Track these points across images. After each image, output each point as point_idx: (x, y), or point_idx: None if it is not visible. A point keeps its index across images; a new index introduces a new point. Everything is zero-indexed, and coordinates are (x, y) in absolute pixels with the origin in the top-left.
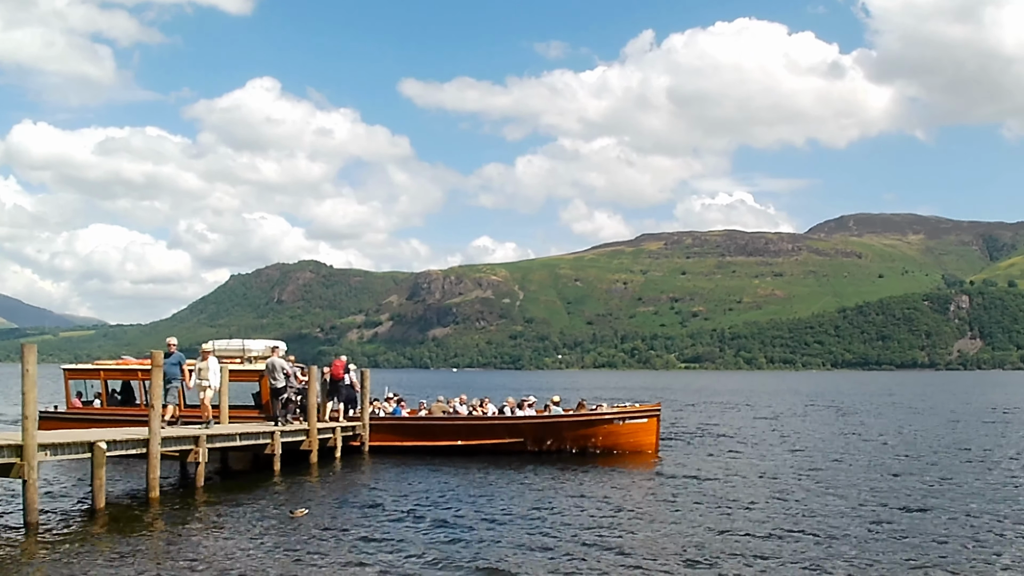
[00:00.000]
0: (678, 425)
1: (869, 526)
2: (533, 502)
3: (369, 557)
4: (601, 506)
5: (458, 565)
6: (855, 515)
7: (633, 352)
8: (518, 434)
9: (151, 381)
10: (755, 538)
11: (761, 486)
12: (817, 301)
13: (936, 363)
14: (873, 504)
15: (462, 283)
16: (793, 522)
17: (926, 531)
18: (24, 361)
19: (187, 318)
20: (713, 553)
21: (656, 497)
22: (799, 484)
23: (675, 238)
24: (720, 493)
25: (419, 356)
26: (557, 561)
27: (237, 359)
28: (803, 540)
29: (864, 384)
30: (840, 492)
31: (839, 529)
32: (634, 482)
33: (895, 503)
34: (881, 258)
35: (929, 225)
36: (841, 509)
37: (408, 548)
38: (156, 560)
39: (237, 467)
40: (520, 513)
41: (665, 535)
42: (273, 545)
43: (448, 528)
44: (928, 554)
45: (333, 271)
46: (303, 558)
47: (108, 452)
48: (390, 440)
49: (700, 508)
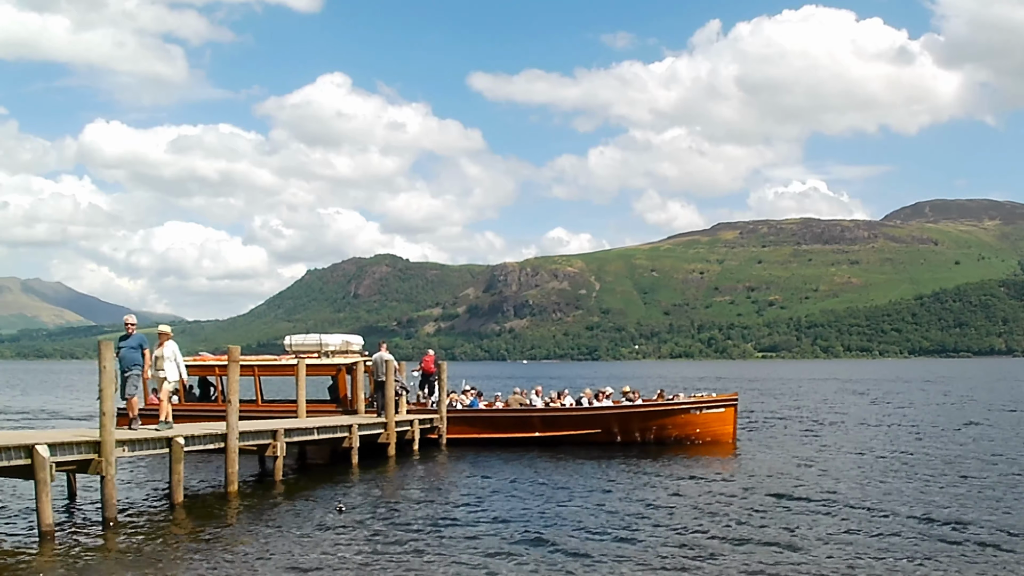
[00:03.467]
0: (756, 415)
1: (949, 533)
2: (607, 495)
3: (441, 549)
4: (676, 499)
5: (525, 558)
6: (931, 518)
7: (710, 342)
8: (595, 425)
9: (228, 377)
10: (822, 537)
11: (838, 479)
12: (894, 289)
13: (1014, 350)
14: (957, 507)
15: (538, 275)
16: (864, 520)
17: None
18: (101, 358)
19: (264, 313)
20: (780, 550)
21: (731, 490)
22: (879, 477)
23: (750, 227)
24: (792, 487)
25: (495, 348)
26: (628, 554)
27: (315, 354)
28: (867, 540)
29: (947, 371)
30: (916, 493)
31: (909, 532)
32: (711, 474)
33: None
34: (957, 244)
35: (1005, 210)
36: (919, 509)
37: (480, 542)
38: (233, 553)
39: (315, 461)
40: (592, 506)
41: (737, 530)
42: (348, 539)
43: (519, 522)
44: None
45: (409, 264)
46: (376, 550)
47: (186, 448)
48: (467, 432)
49: (774, 502)
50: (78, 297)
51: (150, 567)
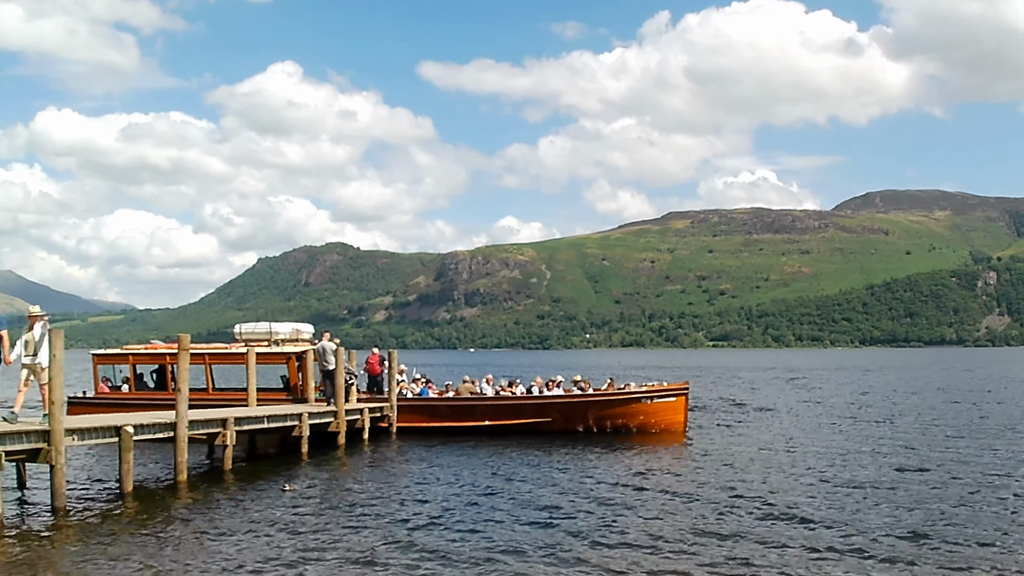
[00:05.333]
0: (707, 403)
1: (892, 512)
2: (555, 483)
3: (386, 538)
4: (625, 487)
5: (467, 550)
6: (875, 497)
7: (661, 331)
8: (545, 414)
9: (178, 364)
10: (769, 520)
11: (785, 465)
12: (844, 278)
13: (964, 340)
14: (903, 489)
15: (489, 263)
16: (810, 502)
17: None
18: (51, 347)
19: (215, 302)
20: (730, 535)
21: (681, 478)
22: (823, 461)
23: (701, 216)
24: (744, 473)
25: (446, 336)
26: (577, 542)
27: (265, 342)
28: (816, 522)
29: (895, 360)
30: (862, 471)
31: (856, 509)
32: (661, 462)
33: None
34: (908, 235)
35: (955, 201)
36: (863, 491)
37: (425, 532)
38: (179, 543)
39: (265, 450)
40: (541, 493)
41: (686, 516)
42: (294, 528)
43: (464, 512)
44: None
45: (360, 253)
46: (321, 540)
47: (135, 436)
48: (418, 421)
49: (723, 489)
50: (29, 286)
51: (99, 556)
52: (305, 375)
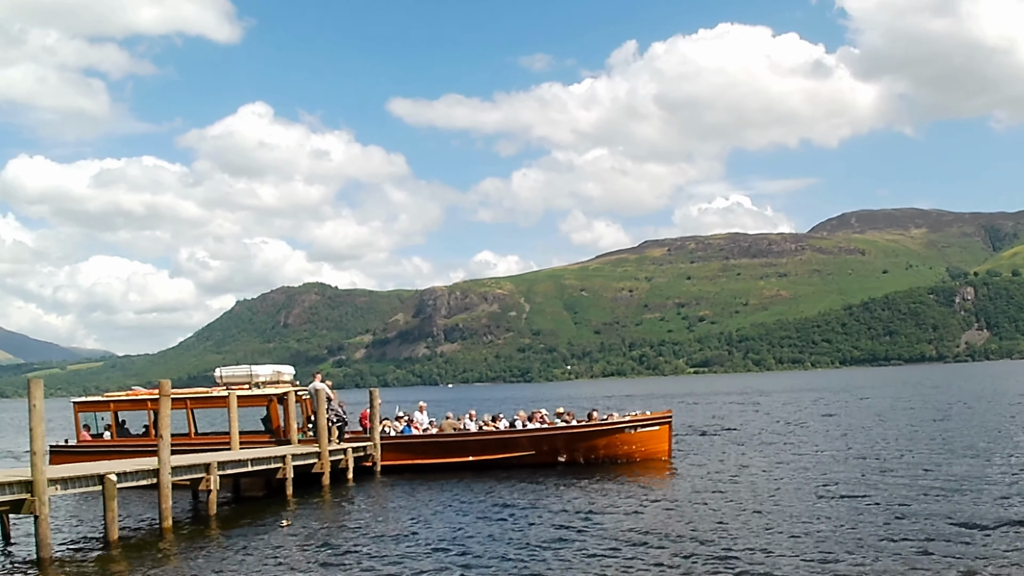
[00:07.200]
0: (690, 431)
1: (884, 533)
2: (543, 517)
3: None
4: (611, 520)
5: None
6: (866, 520)
7: (642, 359)
8: (529, 448)
9: (160, 411)
10: (759, 547)
11: (771, 492)
12: (823, 300)
13: (944, 356)
14: (893, 508)
15: (467, 298)
16: (793, 525)
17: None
18: (31, 396)
19: (194, 346)
20: (716, 561)
21: (667, 506)
22: (807, 486)
23: (678, 243)
24: (731, 500)
25: (427, 373)
26: None
27: (245, 385)
28: (805, 544)
29: (876, 379)
30: (851, 493)
31: (843, 534)
32: (648, 493)
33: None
34: (884, 254)
35: (931, 218)
36: (850, 512)
37: (414, 570)
38: None
39: (250, 493)
40: (528, 528)
41: (674, 545)
42: (284, 571)
43: (455, 545)
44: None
45: (338, 292)
46: None
47: (119, 484)
48: (401, 459)
49: (710, 516)
50: (6, 335)
51: None
52: (288, 417)
